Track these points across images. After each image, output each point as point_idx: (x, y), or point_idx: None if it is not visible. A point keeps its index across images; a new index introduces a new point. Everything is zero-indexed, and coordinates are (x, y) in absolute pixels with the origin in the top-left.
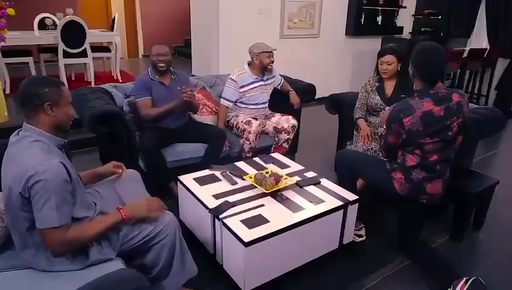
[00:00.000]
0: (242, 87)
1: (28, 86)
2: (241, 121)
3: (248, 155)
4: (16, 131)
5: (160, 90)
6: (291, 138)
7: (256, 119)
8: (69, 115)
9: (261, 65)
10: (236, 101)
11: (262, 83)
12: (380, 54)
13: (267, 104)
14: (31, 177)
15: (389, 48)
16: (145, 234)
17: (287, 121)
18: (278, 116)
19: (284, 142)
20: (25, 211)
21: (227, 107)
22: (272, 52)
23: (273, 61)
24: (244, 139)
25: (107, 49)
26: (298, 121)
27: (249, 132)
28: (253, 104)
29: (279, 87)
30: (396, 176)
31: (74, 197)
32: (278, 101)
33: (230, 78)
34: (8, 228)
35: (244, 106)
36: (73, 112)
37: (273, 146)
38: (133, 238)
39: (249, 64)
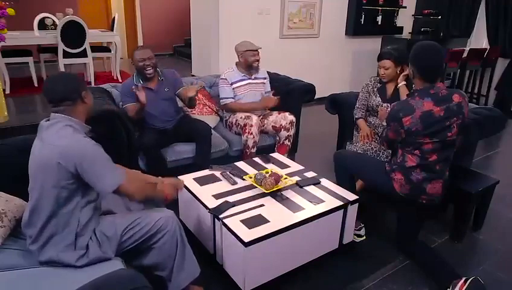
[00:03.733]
0: (232, 84)
1: (63, 84)
2: (240, 117)
3: (253, 151)
4: (45, 119)
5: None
6: (292, 134)
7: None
8: (92, 99)
9: (246, 63)
10: (234, 98)
11: (250, 81)
12: (378, 59)
13: None
14: (74, 155)
15: (386, 53)
16: (143, 232)
17: (284, 118)
18: (275, 114)
19: (285, 140)
20: (63, 187)
21: (231, 102)
22: (256, 50)
23: (258, 60)
24: (247, 134)
25: (107, 49)
26: (298, 121)
27: (251, 125)
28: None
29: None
30: (396, 177)
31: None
32: None
33: (220, 78)
34: (7, 228)
35: None
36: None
37: (276, 145)
38: (132, 236)
39: (236, 64)
